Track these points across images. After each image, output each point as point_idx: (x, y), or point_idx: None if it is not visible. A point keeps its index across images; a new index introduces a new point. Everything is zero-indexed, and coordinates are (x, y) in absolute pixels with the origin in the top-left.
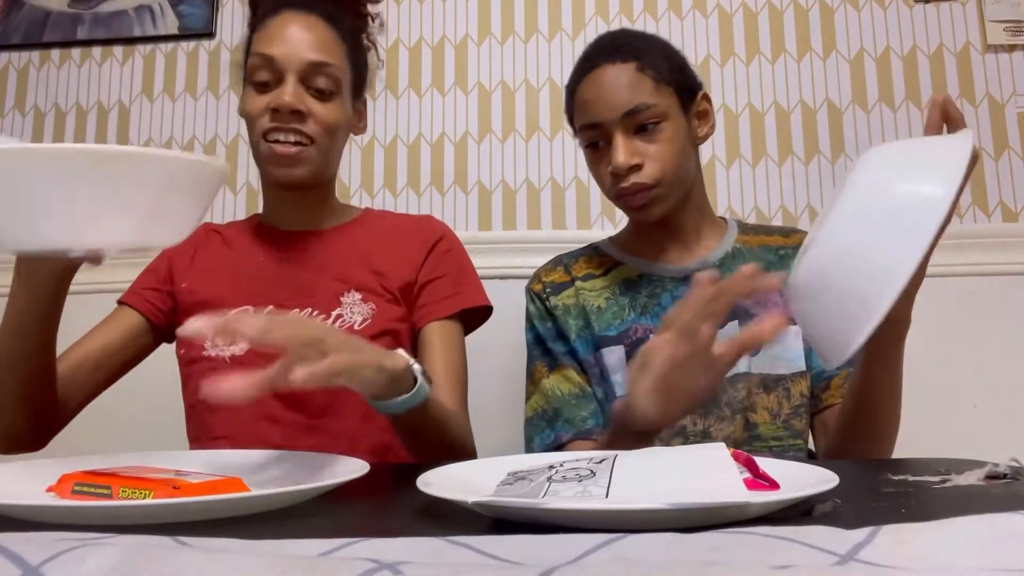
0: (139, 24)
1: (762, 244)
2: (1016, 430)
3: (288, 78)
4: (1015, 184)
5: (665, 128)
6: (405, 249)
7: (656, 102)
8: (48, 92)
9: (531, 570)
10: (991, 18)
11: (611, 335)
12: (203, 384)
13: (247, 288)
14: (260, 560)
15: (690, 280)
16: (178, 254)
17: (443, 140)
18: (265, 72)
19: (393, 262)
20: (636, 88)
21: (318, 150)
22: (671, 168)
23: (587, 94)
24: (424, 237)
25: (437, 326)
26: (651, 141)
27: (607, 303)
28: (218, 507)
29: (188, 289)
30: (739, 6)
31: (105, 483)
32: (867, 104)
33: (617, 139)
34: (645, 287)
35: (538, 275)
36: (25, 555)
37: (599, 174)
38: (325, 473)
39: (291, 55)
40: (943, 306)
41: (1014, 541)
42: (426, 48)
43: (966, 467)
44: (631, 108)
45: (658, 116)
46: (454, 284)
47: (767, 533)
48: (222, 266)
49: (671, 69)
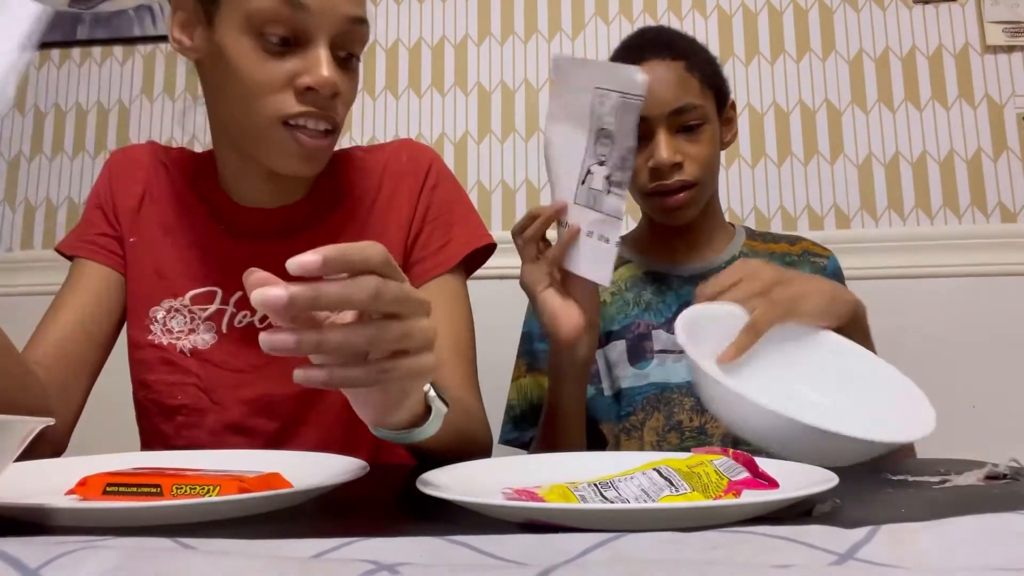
0: (139, 24)
1: (769, 251)
2: (1016, 430)
3: (320, 42)
4: (1014, 185)
5: (706, 130)
6: (393, 198)
7: (702, 104)
8: (48, 92)
9: (531, 570)
10: (990, 19)
11: (614, 329)
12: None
13: (211, 266)
14: (259, 561)
15: (694, 282)
16: (122, 191)
17: (443, 140)
18: (283, 26)
19: (382, 222)
20: (685, 87)
21: (336, 137)
22: (709, 170)
23: None
24: (412, 172)
25: (436, 284)
26: (693, 142)
27: (612, 298)
28: (218, 508)
29: (138, 246)
30: (739, 7)
31: (153, 481)
32: (866, 105)
33: (661, 136)
34: (651, 284)
35: None
36: (24, 558)
37: (635, 170)
38: (325, 473)
39: (328, 7)
40: (943, 306)
41: (1014, 541)
42: (426, 48)
43: (966, 467)
44: (679, 107)
45: (702, 118)
46: (446, 227)
47: (767, 533)
48: (176, 227)
49: (714, 74)
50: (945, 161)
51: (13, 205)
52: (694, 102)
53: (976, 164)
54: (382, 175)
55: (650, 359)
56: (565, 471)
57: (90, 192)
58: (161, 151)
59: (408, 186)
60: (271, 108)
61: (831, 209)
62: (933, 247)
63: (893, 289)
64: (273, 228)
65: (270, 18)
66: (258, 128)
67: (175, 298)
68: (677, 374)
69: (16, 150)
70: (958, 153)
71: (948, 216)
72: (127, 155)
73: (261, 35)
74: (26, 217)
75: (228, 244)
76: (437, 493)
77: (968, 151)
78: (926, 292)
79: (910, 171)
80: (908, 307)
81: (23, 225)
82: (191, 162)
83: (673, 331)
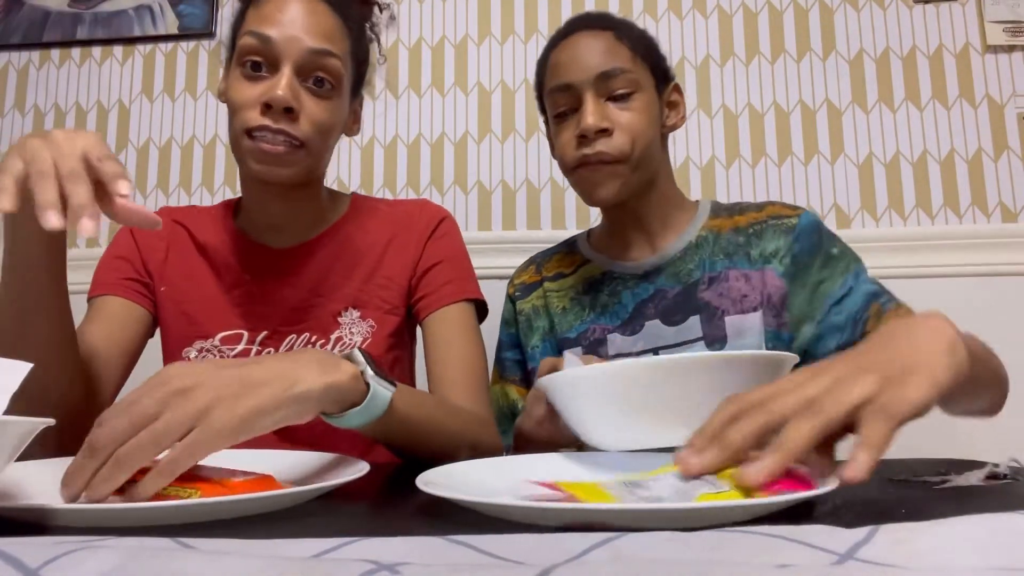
0: (139, 24)
1: (733, 226)
2: (1016, 430)
3: (284, 68)
4: (1014, 185)
5: (638, 99)
6: (403, 246)
7: (632, 69)
8: (48, 92)
9: (531, 569)
10: (991, 19)
11: (571, 337)
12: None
13: (237, 308)
14: (260, 561)
15: (649, 277)
16: (148, 247)
17: (443, 140)
18: (258, 55)
19: (392, 266)
20: (613, 53)
21: (307, 152)
22: (640, 141)
23: (561, 56)
24: (423, 224)
25: (443, 313)
26: (623, 109)
27: (570, 303)
28: (218, 508)
29: (169, 295)
30: (739, 6)
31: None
32: (866, 105)
33: (588, 101)
34: (607, 286)
35: (513, 276)
36: (24, 558)
37: (562, 145)
38: (325, 473)
39: (291, 40)
40: (943, 306)
41: (1014, 541)
42: (426, 48)
43: (966, 467)
44: (606, 70)
45: (632, 85)
46: (457, 269)
47: (767, 533)
48: (201, 275)
49: (648, 47)
50: (946, 161)
51: None
52: (623, 66)
53: (977, 164)
54: (397, 225)
55: None
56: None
57: (108, 248)
58: (172, 212)
59: (419, 234)
60: (241, 121)
61: (831, 209)
62: (933, 247)
63: (893, 289)
64: (288, 266)
65: (248, 51)
66: (235, 140)
67: (206, 339)
68: None
69: None
70: (958, 153)
71: (948, 216)
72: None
73: (243, 64)
74: None
75: (250, 287)
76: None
77: (969, 151)
78: (926, 292)
79: (911, 171)
80: None
81: None
82: (203, 214)
83: (628, 332)
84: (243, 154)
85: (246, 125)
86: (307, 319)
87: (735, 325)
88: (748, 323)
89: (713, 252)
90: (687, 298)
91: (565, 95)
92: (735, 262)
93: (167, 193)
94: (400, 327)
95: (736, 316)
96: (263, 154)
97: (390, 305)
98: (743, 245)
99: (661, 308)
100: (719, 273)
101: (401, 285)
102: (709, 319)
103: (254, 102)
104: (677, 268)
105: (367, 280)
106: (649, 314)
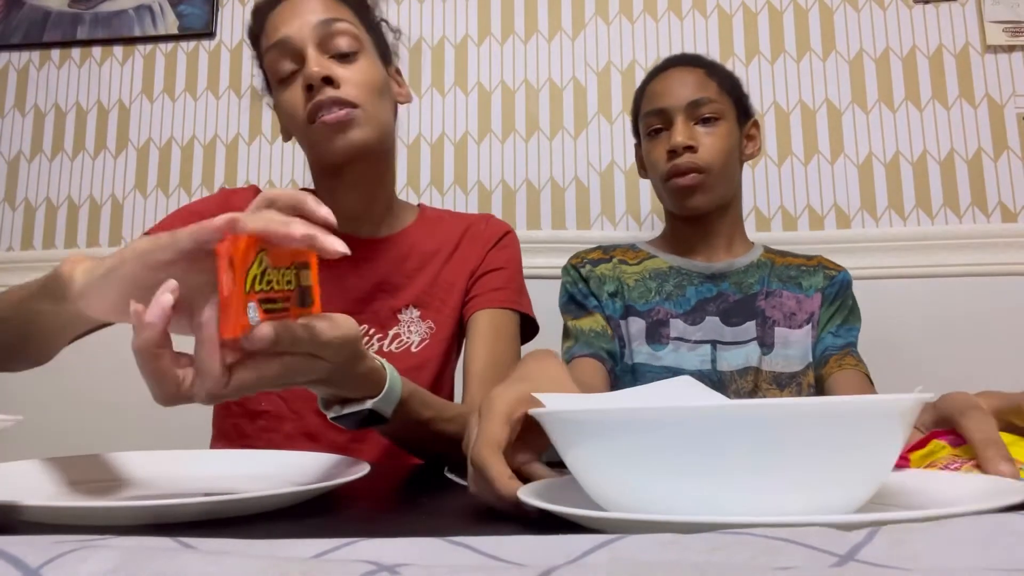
0: (139, 24)
1: (786, 263)
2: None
3: (308, 52)
4: (1014, 184)
5: (721, 125)
6: (467, 254)
7: (718, 100)
8: (48, 92)
9: (531, 570)
10: (990, 19)
11: (640, 309)
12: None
13: None
14: (259, 561)
15: (715, 279)
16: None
17: (443, 140)
18: (286, 61)
19: (454, 272)
20: (703, 86)
21: (365, 112)
22: (721, 160)
23: (657, 86)
24: (488, 235)
25: (487, 314)
26: (708, 133)
27: (636, 283)
28: (218, 508)
29: None
30: (739, 6)
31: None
32: (866, 105)
33: (678, 123)
34: (673, 278)
35: (577, 253)
36: (25, 557)
37: (654, 159)
38: (325, 474)
39: (300, 26)
40: (943, 306)
41: (1014, 541)
42: (426, 48)
43: None
44: (696, 99)
45: (718, 113)
46: (511, 280)
47: (767, 534)
48: None
49: (734, 85)
50: (945, 161)
51: (13, 205)
52: (710, 96)
53: (976, 164)
54: (462, 236)
55: (666, 344)
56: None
57: (191, 203)
58: (241, 193)
59: (482, 244)
60: (300, 116)
61: (831, 209)
62: (933, 247)
63: (893, 289)
64: (359, 258)
65: (275, 61)
66: (303, 136)
67: None
68: (689, 362)
69: (16, 150)
70: (958, 153)
71: (948, 216)
72: (240, 195)
73: (280, 81)
74: (26, 217)
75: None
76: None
77: (968, 151)
78: (926, 292)
79: (910, 171)
80: (908, 307)
81: (23, 225)
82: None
83: (690, 322)
84: (313, 141)
85: (303, 114)
86: (367, 311)
87: (783, 336)
88: (794, 337)
89: (771, 275)
90: (746, 305)
91: (659, 117)
92: (788, 287)
93: (167, 193)
94: (455, 332)
95: (784, 329)
96: (328, 127)
97: (449, 309)
98: (795, 277)
99: (722, 309)
100: (775, 291)
101: (460, 290)
102: (763, 325)
103: (300, 95)
104: (740, 279)
105: (431, 284)
106: (710, 311)
